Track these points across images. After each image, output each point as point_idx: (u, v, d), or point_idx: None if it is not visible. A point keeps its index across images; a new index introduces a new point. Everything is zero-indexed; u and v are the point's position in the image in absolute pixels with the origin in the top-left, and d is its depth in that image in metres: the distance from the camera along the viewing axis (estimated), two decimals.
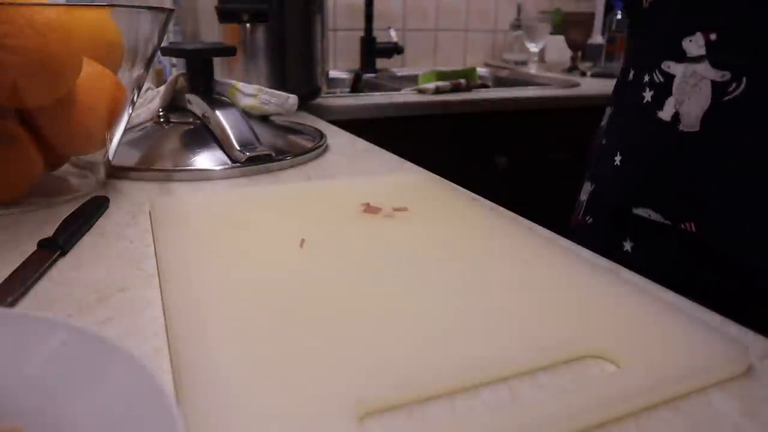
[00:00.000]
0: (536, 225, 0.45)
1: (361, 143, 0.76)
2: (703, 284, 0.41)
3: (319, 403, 0.23)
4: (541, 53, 1.83)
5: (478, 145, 1.27)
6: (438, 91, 1.25)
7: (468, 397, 0.24)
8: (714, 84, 0.42)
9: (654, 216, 0.47)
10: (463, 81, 1.31)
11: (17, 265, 0.35)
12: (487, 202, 0.50)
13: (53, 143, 0.48)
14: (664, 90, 0.47)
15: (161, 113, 0.68)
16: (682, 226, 0.45)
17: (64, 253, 0.38)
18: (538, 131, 1.32)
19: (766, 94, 0.40)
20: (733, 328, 0.30)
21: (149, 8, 0.48)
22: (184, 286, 0.33)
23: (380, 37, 1.60)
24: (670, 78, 0.46)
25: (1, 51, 0.39)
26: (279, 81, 0.95)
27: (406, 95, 1.26)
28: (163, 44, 0.66)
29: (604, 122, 0.58)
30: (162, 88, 0.70)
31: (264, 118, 0.74)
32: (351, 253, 0.37)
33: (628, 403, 0.24)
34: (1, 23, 0.39)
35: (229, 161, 0.60)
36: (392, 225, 0.42)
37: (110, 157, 0.53)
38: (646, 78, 0.48)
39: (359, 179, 0.54)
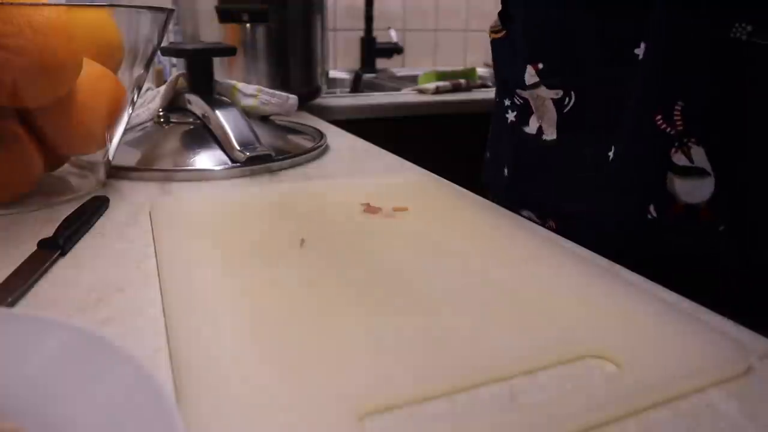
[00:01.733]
0: (536, 225, 0.45)
1: (361, 143, 0.76)
2: None
3: (320, 402, 0.23)
4: None
5: (478, 145, 1.27)
6: (438, 91, 1.25)
7: (468, 397, 0.24)
8: (553, 101, 0.52)
9: (532, 216, 0.56)
10: (463, 81, 1.31)
11: (17, 265, 0.35)
12: (487, 202, 0.50)
13: (53, 143, 0.48)
14: (526, 109, 0.56)
15: (161, 113, 0.68)
16: (546, 224, 0.54)
17: (64, 253, 0.38)
18: None
19: (587, 103, 0.50)
20: (733, 328, 0.30)
21: (149, 8, 0.48)
22: (184, 286, 0.33)
23: (380, 37, 1.60)
24: (526, 100, 0.56)
25: (1, 51, 0.39)
26: (279, 81, 0.95)
27: (406, 95, 1.26)
28: (163, 44, 0.66)
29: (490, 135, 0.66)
30: (162, 88, 0.70)
31: (264, 118, 0.74)
32: (351, 253, 0.37)
33: (628, 403, 0.24)
34: (1, 23, 0.39)
35: (229, 161, 0.60)
36: (392, 225, 0.42)
37: (110, 157, 0.53)
38: (507, 102, 0.58)
39: (359, 179, 0.54)
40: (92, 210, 0.45)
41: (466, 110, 1.23)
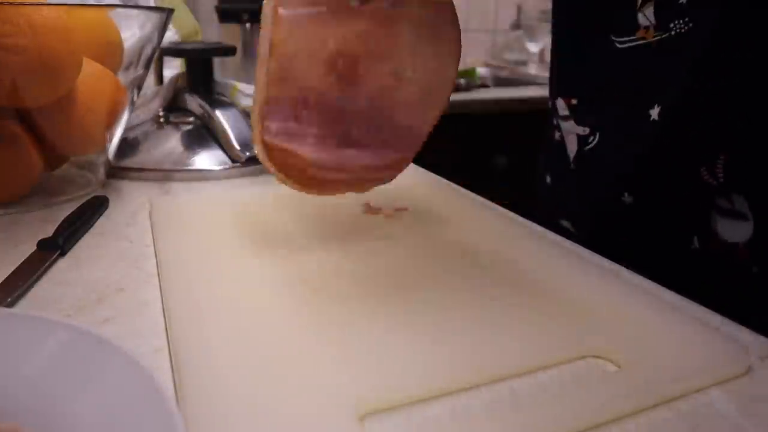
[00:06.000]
0: (536, 225, 0.45)
1: None
2: None
3: (320, 402, 0.23)
4: (541, 53, 1.83)
5: (478, 145, 1.27)
6: None
7: (468, 397, 0.24)
8: (578, 136, 0.53)
9: (569, 227, 0.57)
10: (462, 81, 1.31)
11: (17, 265, 0.35)
12: (487, 202, 0.50)
13: (53, 143, 0.48)
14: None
15: (161, 113, 0.68)
16: (580, 234, 0.55)
17: (63, 253, 0.38)
18: (538, 131, 1.32)
19: (612, 146, 0.50)
20: (733, 328, 0.30)
21: (149, 8, 0.48)
22: (184, 286, 0.33)
23: None
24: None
25: (1, 51, 0.39)
26: None
27: None
28: (163, 44, 0.66)
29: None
30: (162, 88, 0.70)
31: None
32: (351, 253, 0.37)
33: (628, 403, 0.24)
34: (1, 23, 0.39)
35: (229, 161, 0.60)
36: (392, 225, 0.42)
37: (110, 157, 0.53)
38: (555, 121, 0.59)
39: None
40: (92, 210, 0.45)
41: (466, 110, 1.23)
